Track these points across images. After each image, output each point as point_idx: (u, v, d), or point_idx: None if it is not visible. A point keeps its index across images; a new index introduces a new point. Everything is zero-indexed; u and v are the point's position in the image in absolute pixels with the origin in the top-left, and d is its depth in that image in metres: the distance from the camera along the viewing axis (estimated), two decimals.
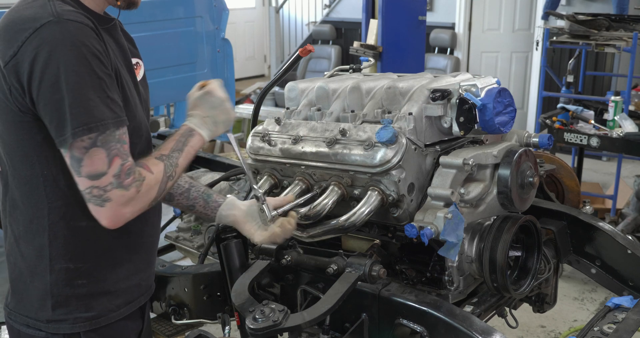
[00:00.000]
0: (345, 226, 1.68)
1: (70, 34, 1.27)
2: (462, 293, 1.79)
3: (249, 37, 10.66)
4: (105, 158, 1.30)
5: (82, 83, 1.27)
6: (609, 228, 2.03)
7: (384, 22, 4.89)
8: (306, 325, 1.54)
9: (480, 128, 1.73)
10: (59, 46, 1.25)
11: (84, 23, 1.30)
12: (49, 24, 1.27)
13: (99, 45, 1.32)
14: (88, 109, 1.27)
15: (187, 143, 1.49)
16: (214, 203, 1.73)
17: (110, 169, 1.30)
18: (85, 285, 1.46)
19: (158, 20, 3.61)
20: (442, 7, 7.51)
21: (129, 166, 1.33)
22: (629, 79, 4.55)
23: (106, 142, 1.30)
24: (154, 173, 1.39)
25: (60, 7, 1.32)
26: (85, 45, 1.28)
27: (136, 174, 1.35)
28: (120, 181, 1.31)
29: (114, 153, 1.31)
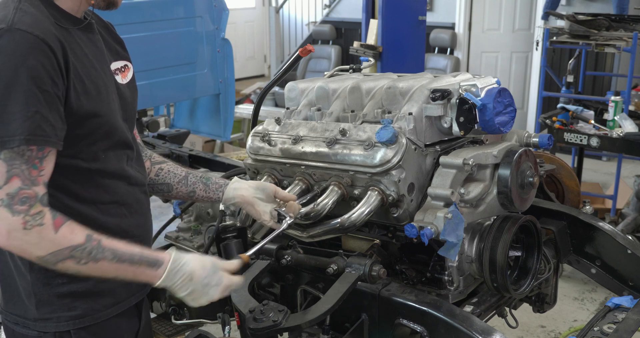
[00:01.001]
0: (345, 226, 1.68)
1: (14, 44, 1.25)
2: (462, 293, 1.79)
3: (249, 37, 10.66)
4: (5, 173, 1.24)
5: (7, 95, 1.23)
6: (609, 228, 2.03)
7: (384, 22, 4.89)
8: (306, 325, 1.54)
9: (480, 127, 1.73)
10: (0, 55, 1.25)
11: (34, 34, 1.27)
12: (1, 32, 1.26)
13: (46, 58, 1.28)
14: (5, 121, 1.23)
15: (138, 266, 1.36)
16: (214, 185, 1.71)
17: (5, 186, 1.24)
18: (65, 284, 1.43)
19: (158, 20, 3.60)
20: (442, 7, 7.51)
21: (29, 195, 1.25)
22: (629, 79, 4.55)
23: (10, 159, 1.24)
24: (57, 234, 1.28)
25: (21, 14, 1.30)
26: (24, 56, 1.25)
27: (33, 210, 1.25)
28: (11, 202, 1.24)
29: (14, 172, 1.24)
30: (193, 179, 1.73)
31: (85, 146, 1.41)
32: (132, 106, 1.59)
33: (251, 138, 1.97)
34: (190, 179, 1.73)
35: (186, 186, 1.72)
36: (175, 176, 1.72)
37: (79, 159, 1.41)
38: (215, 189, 1.71)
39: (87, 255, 1.30)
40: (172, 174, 1.73)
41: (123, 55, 1.60)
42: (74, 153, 1.38)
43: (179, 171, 1.74)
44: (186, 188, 1.72)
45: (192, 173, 1.75)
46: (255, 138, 1.95)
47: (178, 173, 1.73)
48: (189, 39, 3.84)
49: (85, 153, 1.41)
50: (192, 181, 1.72)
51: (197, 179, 1.73)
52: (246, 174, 2.09)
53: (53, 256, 1.28)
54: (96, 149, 1.43)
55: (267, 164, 1.93)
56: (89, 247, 1.31)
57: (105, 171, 1.46)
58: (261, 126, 1.99)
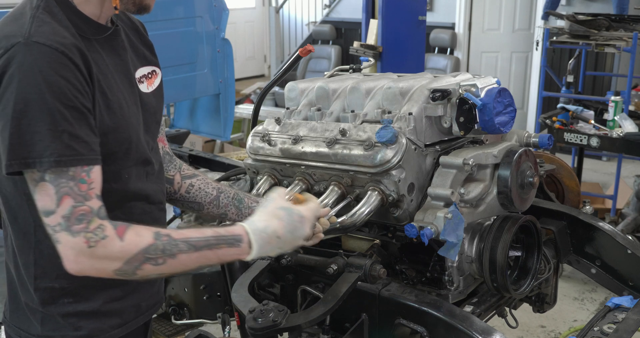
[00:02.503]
0: (345, 226, 1.68)
1: (32, 58, 1.18)
2: (462, 293, 1.79)
3: (249, 37, 10.66)
4: (54, 195, 1.17)
5: (30, 113, 1.16)
6: (609, 228, 2.03)
7: (384, 22, 4.89)
8: (306, 325, 1.54)
9: (480, 127, 1.73)
10: (17, 71, 1.17)
11: (52, 47, 1.19)
12: (17, 46, 1.19)
13: (68, 72, 1.20)
14: (29, 142, 1.16)
15: (218, 248, 1.29)
16: (247, 209, 1.65)
17: (59, 208, 1.17)
18: (71, 303, 1.38)
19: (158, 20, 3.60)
20: (442, 7, 7.51)
21: (84, 211, 1.19)
22: (629, 79, 4.55)
23: (55, 178, 1.17)
24: (124, 241, 1.21)
25: (38, 24, 1.22)
26: (43, 72, 1.17)
27: (92, 225, 1.19)
28: (69, 225, 1.17)
29: (63, 191, 1.17)
30: (225, 201, 1.65)
31: (106, 165, 1.31)
32: (157, 115, 1.52)
33: (251, 138, 1.97)
34: (222, 200, 1.65)
35: (218, 208, 1.65)
36: (207, 196, 1.64)
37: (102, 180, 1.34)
38: (248, 214, 1.62)
39: (161, 253, 1.23)
40: (203, 193, 1.64)
41: (151, 60, 1.52)
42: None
43: (210, 190, 1.65)
44: (218, 210, 1.65)
45: (224, 191, 1.66)
46: (255, 138, 1.95)
47: (209, 192, 1.65)
48: (189, 39, 3.84)
49: (106, 173, 1.31)
50: (224, 203, 1.65)
51: (229, 201, 1.65)
52: (246, 174, 2.09)
53: (129, 265, 1.22)
54: (118, 168, 1.36)
55: (267, 164, 1.93)
56: (160, 245, 1.23)
57: (126, 191, 1.39)
58: (261, 126, 1.99)
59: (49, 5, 1.27)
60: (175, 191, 1.67)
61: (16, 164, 1.16)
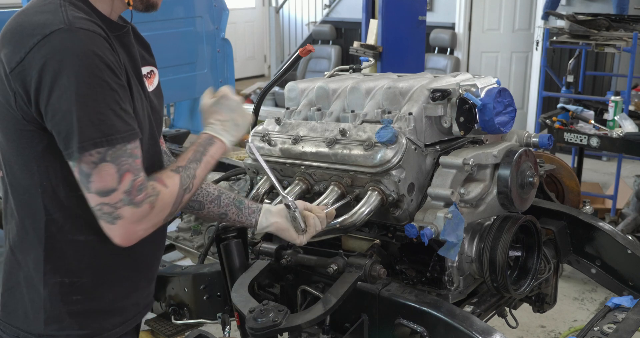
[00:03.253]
0: (345, 226, 1.68)
1: (82, 43, 1.21)
2: (462, 293, 1.79)
3: (249, 37, 10.67)
4: (116, 174, 1.23)
5: (93, 95, 1.21)
6: (609, 228, 2.03)
7: (384, 22, 4.90)
8: (306, 325, 1.54)
9: (480, 127, 1.73)
10: (69, 55, 1.20)
11: (96, 32, 1.25)
12: (59, 32, 1.21)
13: (112, 55, 1.27)
14: (97, 122, 1.21)
15: (207, 151, 1.43)
16: (247, 210, 1.65)
17: (120, 185, 1.23)
18: (80, 301, 1.40)
19: (158, 20, 3.60)
20: (442, 7, 7.51)
21: (141, 181, 1.26)
22: (629, 79, 4.55)
23: (116, 157, 1.23)
24: (169, 187, 1.32)
25: (72, 14, 1.26)
26: (97, 55, 1.22)
27: (149, 190, 1.28)
28: (132, 197, 1.24)
29: (125, 168, 1.24)
30: (226, 201, 1.65)
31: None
32: (160, 114, 1.55)
33: (251, 138, 1.97)
34: (223, 200, 1.65)
35: (218, 207, 1.65)
36: (208, 195, 1.65)
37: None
38: (248, 215, 1.64)
39: (189, 180, 1.37)
40: (204, 192, 1.65)
41: (149, 60, 1.55)
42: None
43: (211, 190, 1.66)
44: (218, 209, 1.65)
45: (225, 192, 1.68)
46: (255, 138, 1.95)
47: (211, 192, 1.66)
48: (189, 39, 3.84)
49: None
50: (225, 203, 1.65)
51: (230, 201, 1.65)
52: (246, 174, 2.09)
53: (175, 205, 1.34)
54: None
55: (267, 164, 1.93)
56: (184, 175, 1.37)
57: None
58: (261, 126, 1.99)
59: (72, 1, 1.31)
60: None
61: (87, 146, 1.21)
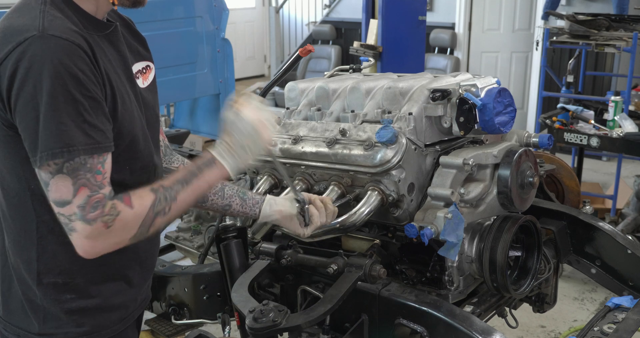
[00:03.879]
0: (345, 226, 1.68)
1: (51, 52, 1.19)
2: (462, 293, 1.79)
3: (249, 37, 10.66)
4: (71, 187, 1.21)
5: (55, 105, 1.18)
6: (609, 228, 2.03)
7: (384, 22, 4.89)
8: (306, 325, 1.54)
9: (480, 127, 1.73)
10: (36, 64, 1.18)
11: (69, 40, 1.22)
12: (32, 39, 1.20)
13: (85, 64, 1.23)
14: (56, 133, 1.19)
15: (202, 174, 1.36)
16: (251, 200, 1.65)
17: (75, 199, 1.21)
18: (74, 300, 1.39)
19: (158, 20, 3.60)
20: (442, 7, 7.51)
21: (98, 198, 1.23)
22: (629, 79, 4.54)
23: (73, 170, 1.20)
24: (134, 208, 1.27)
25: (50, 18, 1.24)
26: (64, 64, 1.19)
27: (107, 208, 1.23)
28: (84, 214, 1.21)
29: (81, 182, 1.21)
30: (229, 192, 1.65)
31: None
32: (154, 110, 1.53)
33: None
34: (227, 191, 1.65)
35: (222, 199, 1.65)
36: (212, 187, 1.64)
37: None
38: (252, 205, 1.65)
39: (165, 203, 1.31)
40: None
41: (145, 55, 1.53)
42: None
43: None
44: (222, 201, 1.65)
45: (228, 184, 1.67)
46: None
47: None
48: (189, 39, 3.84)
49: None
50: (229, 194, 1.64)
51: (233, 192, 1.65)
52: (246, 174, 2.09)
53: (143, 227, 1.29)
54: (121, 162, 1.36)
55: (267, 164, 1.93)
56: (161, 196, 1.30)
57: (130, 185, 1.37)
58: None
59: (55, 2, 1.29)
60: None
61: (45, 156, 1.19)
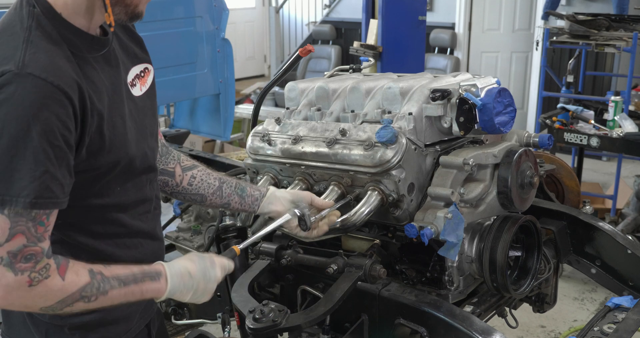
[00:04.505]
0: (346, 226, 1.68)
1: (24, 93, 1.12)
2: (462, 293, 1.79)
3: (249, 37, 10.66)
4: (7, 230, 1.14)
5: (15, 151, 1.12)
6: (609, 228, 2.03)
7: (384, 22, 4.90)
8: (306, 325, 1.54)
9: (480, 127, 1.73)
10: (5, 103, 1.12)
11: (47, 81, 1.14)
12: (9, 75, 1.13)
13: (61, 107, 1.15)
14: (9, 180, 1.12)
15: (142, 283, 1.31)
16: (249, 197, 1.65)
17: (7, 243, 1.14)
18: (77, 315, 1.34)
19: (158, 20, 3.60)
20: (442, 7, 7.51)
21: (34, 251, 1.16)
22: (629, 79, 4.55)
23: (15, 215, 1.14)
24: (65, 281, 1.20)
25: (33, 51, 1.16)
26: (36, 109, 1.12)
27: (39, 266, 1.16)
28: (13, 261, 1.14)
29: (19, 229, 1.14)
30: (228, 190, 1.64)
31: (100, 183, 1.31)
32: (155, 114, 1.49)
33: (251, 138, 1.97)
34: (225, 190, 1.64)
35: (221, 198, 1.64)
36: (210, 187, 1.63)
37: (92, 197, 1.32)
38: (251, 203, 1.65)
39: (96, 291, 1.24)
40: (205, 184, 1.63)
41: (142, 57, 1.47)
42: (87, 193, 1.29)
43: (212, 180, 1.64)
44: (221, 200, 1.64)
45: (226, 181, 1.66)
46: (255, 138, 1.95)
47: (212, 183, 1.63)
48: (189, 39, 3.84)
49: (99, 190, 1.32)
50: (227, 193, 1.64)
51: (232, 191, 1.64)
52: (246, 174, 2.09)
53: (61, 304, 1.21)
54: (112, 185, 1.34)
55: (267, 164, 1.93)
56: (95, 283, 1.24)
57: (121, 204, 1.38)
58: (261, 126, 1.99)
59: (40, 24, 1.21)
60: (177, 184, 1.64)
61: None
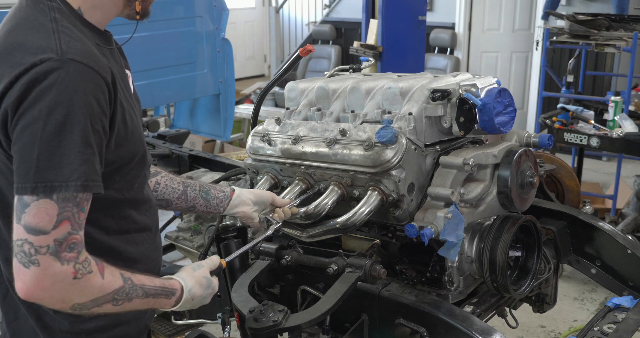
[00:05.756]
0: (346, 226, 1.68)
1: (69, 78, 1.14)
2: (462, 293, 1.79)
3: (249, 37, 10.66)
4: (55, 217, 1.12)
5: (61, 135, 1.12)
6: (609, 228, 2.03)
7: (384, 22, 4.89)
8: (306, 325, 1.54)
9: (480, 127, 1.73)
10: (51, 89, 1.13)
11: (89, 66, 1.16)
12: (50, 62, 1.14)
13: (101, 93, 1.18)
14: (59, 165, 1.12)
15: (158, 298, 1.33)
16: (214, 200, 1.68)
17: (54, 231, 1.12)
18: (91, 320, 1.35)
19: (158, 20, 3.60)
20: (442, 7, 7.51)
21: (77, 240, 1.16)
22: (629, 79, 4.55)
23: (63, 200, 1.13)
24: (104, 280, 1.21)
25: (67, 39, 1.18)
26: (81, 93, 1.14)
27: (82, 257, 1.16)
28: (59, 250, 1.13)
29: (65, 215, 1.13)
30: (192, 194, 1.66)
31: (120, 175, 1.33)
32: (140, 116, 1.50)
33: (251, 138, 1.97)
34: (190, 194, 1.66)
35: (186, 202, 1.66)
36: (174, 192, 1.65)
37: (112, 190, 1.31)
38: (216, 205, 1.68)
39: (125, 296, 1.25)
40: (170, 190, 1.65)
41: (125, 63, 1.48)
42: (108, 184, 1.28)
43: (176, 185, 1.65)
44: (186, 204, 1.66)
45: (190, 185, 1.67)
46: (255, 138, 1.95)
47: (176, 188, 1.65)
48: (189, 39, 3.84)
49: (119, 183, 1.33)
50: (192, 197, 1.66)
51: (196, 194, 1.66)
52: (246, 174, 2.09)
53: (94, 302, 1.21)
54: (130, 178, 1.36)
55: (267, 164, 1.93)
56: (127, 288, 1.25)
57: (136, 199, 1.40)
58: (261, 126, 1.99)
59: (64, 15, 1.23)
60: None
61: (42, 187, 1.12)
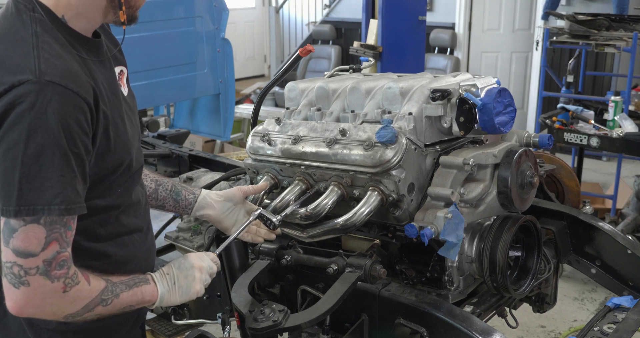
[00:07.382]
0: (345, 226, 1.68)
1: (47, 100, 1.13)
2: (462, 293, 1.79)
3: (249, 37, 10.66)
4: (43, 239, 1.16)
5: (42, 158, 1.13)
6: (609, 228, 2.03)
7: (384, 22, 4.89)
8: (306, 325, 1.54)
9: (480, 127, 1.73)
10: (29, 112, 1.12)
11: (67, 87, 1.15)
12: (28, 85, 1.13)
13: (81, 114, 1.17)
14: (40, 188, 1.14)
15: (139, 285, 1.35)
16: (183, 201, 1.69)
17: (42, 252, 1.16)
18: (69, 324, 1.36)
19: (158, 20, 3.60)
20: (442, 7, 7.51)
21: (66, 257, 1.19)
22: (629, 79, 4.55)
23: (50, 223, 1.16)
24: (91, 286, 1.25)
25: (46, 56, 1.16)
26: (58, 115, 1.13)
27: (71, 272, 1.21)
28: (49, 269, 1.17)
29: (53, 237, 1.16)
30: (163, 194, 1.68)
31: (104, 185, 1.34)
32: (135, 115, 1.50)
33: (251, 138, 1.97)
34: (160, 193, 1.68)
35: (156, 201, 1.68)
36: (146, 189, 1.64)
37: (97, 199, 1.33)
38: (185, 206, 1.70)
39: (111, 295, 1.29)
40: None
41: (120, 59, 1.48)
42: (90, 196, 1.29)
43: (148, 183, 1.66)
44: (155, 202, 1.69)
45: (162, 184, 1.69)
46: (255, 138, 1.95)
47: (148, 185, 1.66)
48: (189, 39, 3.84)
49: (102, 191, 1.34)
50: (162, 196, 1.68)
51: (167, 194, 1.68)
52: (246, 174, 2.09)
53: (85, 309, 1.25)
54: (115, 185, 1.37)
55: (267, 164, 1.93)
56: (110, 287, 1.29)
57: (124, 204, 1.41)
58: (261, 126, 1.99)
59: (45, 29, 1.21)
60: None
61: (25, 210, 1.13)
